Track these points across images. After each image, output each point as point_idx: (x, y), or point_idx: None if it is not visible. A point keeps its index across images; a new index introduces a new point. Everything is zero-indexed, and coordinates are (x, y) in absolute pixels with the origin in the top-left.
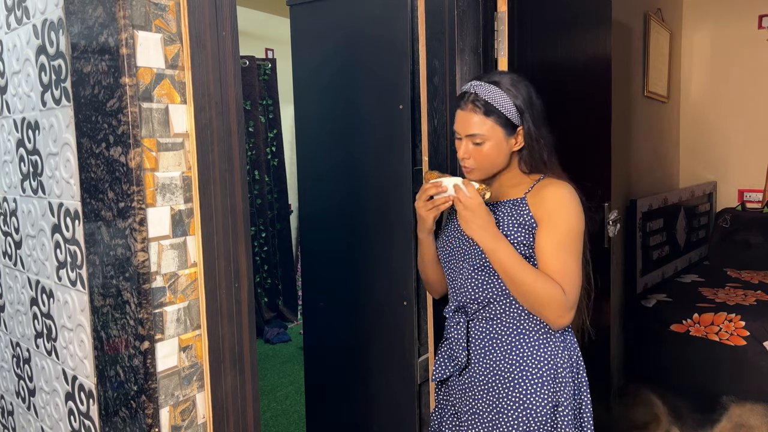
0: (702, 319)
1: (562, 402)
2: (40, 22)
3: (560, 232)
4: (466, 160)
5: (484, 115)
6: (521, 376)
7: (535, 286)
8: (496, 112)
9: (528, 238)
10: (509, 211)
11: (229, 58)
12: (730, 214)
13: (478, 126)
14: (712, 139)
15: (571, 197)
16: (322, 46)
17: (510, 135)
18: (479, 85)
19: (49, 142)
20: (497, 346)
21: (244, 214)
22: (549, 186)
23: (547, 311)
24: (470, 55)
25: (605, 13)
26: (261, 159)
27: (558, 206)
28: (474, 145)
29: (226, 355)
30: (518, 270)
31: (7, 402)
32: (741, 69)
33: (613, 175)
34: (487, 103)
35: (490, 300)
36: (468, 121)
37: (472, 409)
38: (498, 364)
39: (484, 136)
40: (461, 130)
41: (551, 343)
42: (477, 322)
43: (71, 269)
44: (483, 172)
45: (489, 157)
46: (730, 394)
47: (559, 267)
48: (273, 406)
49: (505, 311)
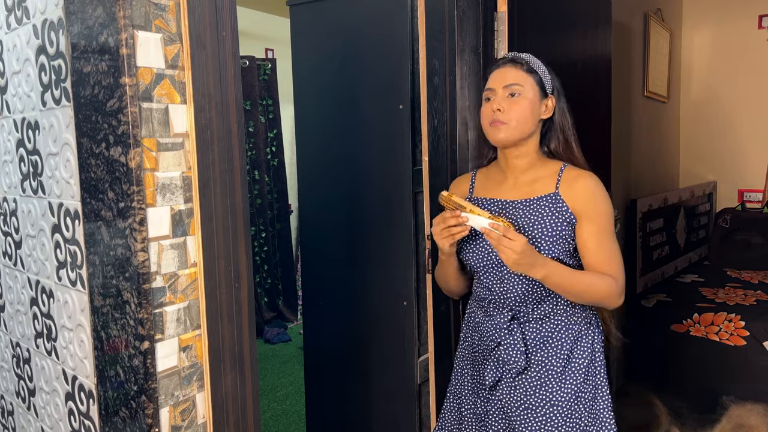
0: (702, 319)
1: (600, 381)
2: (40, 22)
3: (600, 224)
4: (500, 113)
5: (525, 72)
6: (570, 367)
7: (591, 290)
8: (536, 72)
9: (570, 232)
10: (546, 208)
11: (229, 58)
12: (730, 214)
13: (517, 77)
14: (712, 139)
15: (601, 186)
16: (322, 46)
17: (544, 98)
18: (518, 54)
19: (49, 142)
20: (549, 345)
21: (244, 214)
22: (579, 179)
23: (606, 302)
24: (470, 55)
25: (605, 13)
26: (261, 159)
27: (593, 199)
28: (509, 98)
29: (226, 355)
30: (574, 284)
31: (7, 402)
32: (741, 69)
33: (613, 175)
34: (528, 62)
35: (541, 299)
36: (508, 73)
37: (524, 405)
38: (550, 360)
39: (522, 87)
40: (497, 83)
41: (591, 330)
42: (527, 324)
43: (71, 269)
44: (515, 129)
45: (524, 111)
46: (730, 394)
47: (604, 257)
48: (273, 406)
49: (554, 309)
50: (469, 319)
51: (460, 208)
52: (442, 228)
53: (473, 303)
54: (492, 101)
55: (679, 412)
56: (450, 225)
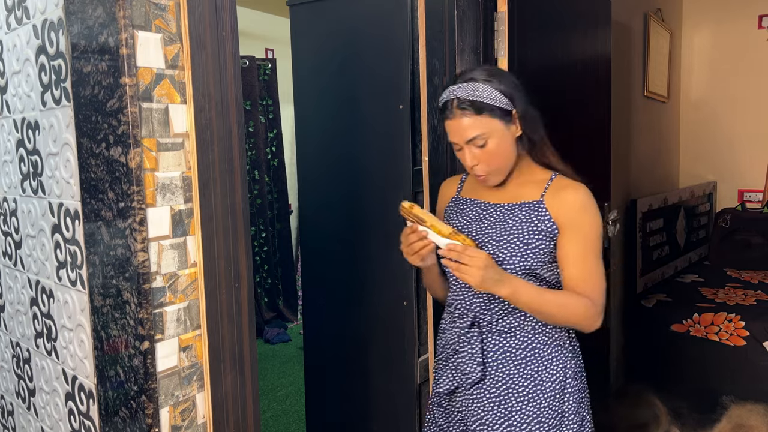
0: (702, 319)
1: (568, 410)
2: (40, 22)
3: (584, 239)
4: (477, 167)
5: (476, 114)
6: (534, 390)
7: (563, 312)
8: (486, 106)
9: (548, 245)
10: (527, 215)
11: (229, 58)
12: (730, 214)
13: (474, 128)
14: (712, 139)
15: (591, 200)
16: (322, 46)
17: (508, 123)
18: (457, 88)
19: (49, 142)
20: (511, 360)
21: (244, 214)
22: (568, 189)
23: (581, 325)
24: (470, 55)
25: (605, 13)
26: (261, 159)
27: (580, 212)
28: (478, 149)
29: (226, 355)
30: (543, 303)
31: (7, 402)
32: (741, 69)
33: (613, 175)
34: (472, 101)
35: (504, 312)
36: (462, 127)
37: (481, 420)
38: (512, 378)
39: (484, 135)
40: (458, 138)
41: (562, 355)
42: (490, 335)
43: (71, 269)
44: (500, 172)
45: (498, 154)
46: (730, 394)
47: (584, 275)
48: (273, 406)
49: (520, 324)
50: (441, 324)
51: (420, 222)
52: (406, 247)
53: (446, 308)
54: (462, 155)
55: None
56: (412, 242)
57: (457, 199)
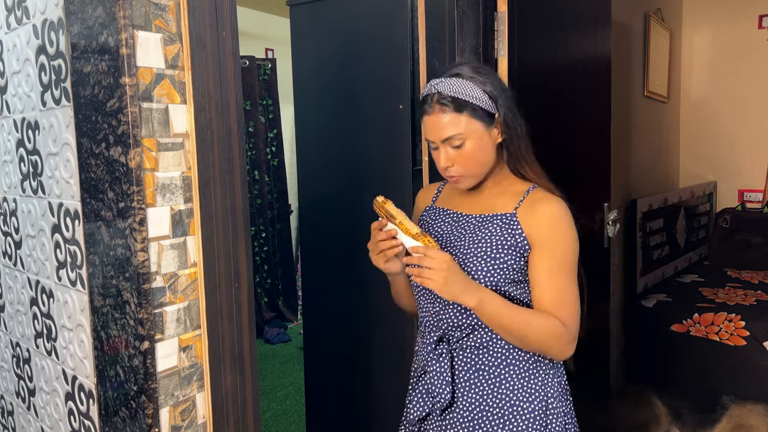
0: (702, 319)
1: None
2: (40, 22)
3: (557, 258)
4: (451, 169)
5: (456, 112)
6: (511, 411)
7: (533, 331)
8: (468, 105)
9: (519, 261)
10: (498, 228)
11: (229, 58)
12: (730, 214)
13: (452, 126)
14: (712, 139)
15: (567, 216)
16: (322, 46)
17: (489, 126)
18: (440, 83)
19: (49, 142)
20: (484, 379)
21: (244, 214)
22: (543, 202)
23: (549, 350)
24: (470, 55)
25: (605, 13)
26: (261, 159)
27: (554, 228)
28: (454, 149)
29: (226, 355)
30: (513, 317)
31: (7, 402)
32: (741, 69)
33: (613, 175)
34: (454, 98)
35: (475, 326)
36: (439, 124)
37: None
38: (485, 399)
39: (461, 135)
40: (434, 136)
41: (542, 372)
42: (461, 351)
43: (71, 269)
44: (474, 176)
45: (474, 157)
46: (730, 394)
47: (556, 297)
48: (273, 406)
49: (492, 338)
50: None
51: (390, 219)
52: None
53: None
54: (436, 155)
55: (679, 412)
56: (379, 240)
57: (431, 208)
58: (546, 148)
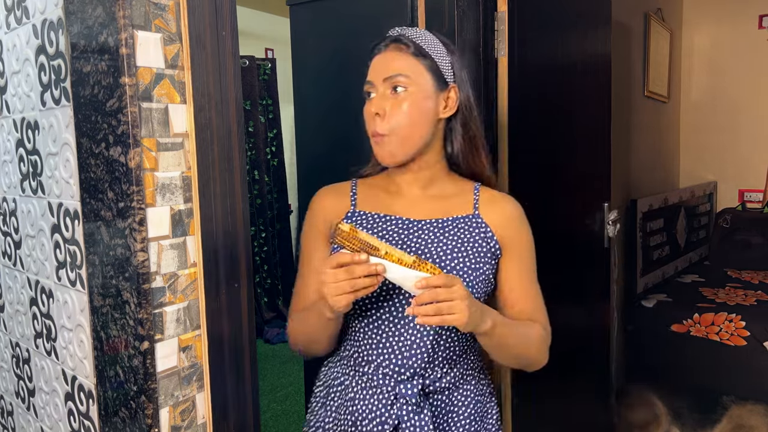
0: (702, 319)
1: None
2: (40, 22)
3: (527, 260)
4: (378, 119)
5: (412, 56)
6: None
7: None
8: (427, 56)
9: (493, 269)
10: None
11: (229, 58)
12: (730, 214)
13: (402, 64)
14: (712, 139)
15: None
16: (322, 46)
17: (441, 90)
18: (404, 29)
19: (49, 142)
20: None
21: (244, 214)
22: (504, 200)
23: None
24: (470, 54)
25: (605, 13)
26: (261, 159)
27: (521, 229)
28: (392, 93)
29: (226, 355)
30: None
31: (6, 402)
32: (741, 69)
33: (613, 175)
34: (416, 44)
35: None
36: (390, 60)
37: None
38: None
39: (408, 78)
40: (376, 75)
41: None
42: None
43: (71, 269)
44: (400, 142)
45: (410, 114)
46: (730, 394)
47: (532, 301)
48: (273, 406)
49: (463, 375)
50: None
51: (370, 251)
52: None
53: (340, 366)
54: (369, 105)
55: (679, 412)
56: (358, 277)
57: (355, 214)
58: (546, 148)
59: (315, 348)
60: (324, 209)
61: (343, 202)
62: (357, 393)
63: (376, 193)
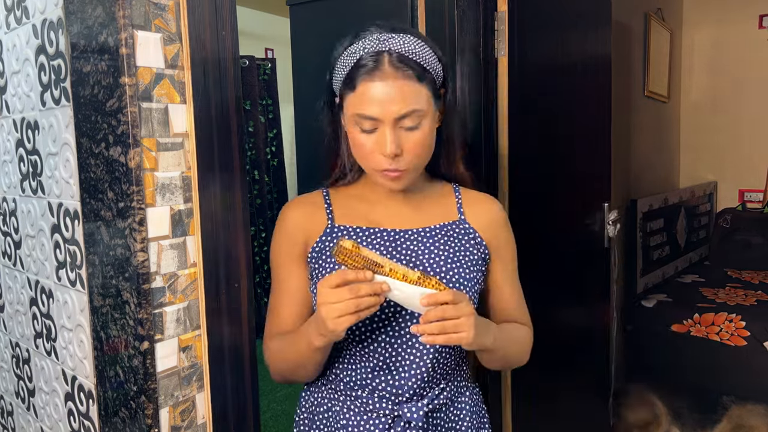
0: (702, 319)
1: None
2: (40, 22)
3: (512, 262)
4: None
5: (418, 82)
6: None
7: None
8: (427, 74)
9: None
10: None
11: (229, 58)
12: (730, 214)
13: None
14: (712, 139)
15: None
16: (322, 45)
17: (437, 102)
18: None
19: (49, 142)
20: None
21: (244, 214)
22: (488, 201)
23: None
24: (470, 54)
25: (605, 13)
26: (261, 159)
27: (507, 230)
28: (406, 131)
29: (226, 355)
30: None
31: (6, 402)
32: (741, 69)
33: (613, 175)
34: (417, 62)
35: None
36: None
37: None
38: None
39: (422, 112)
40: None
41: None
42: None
43: (71, 269)
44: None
45: (427, 144)
46: (730, 394)
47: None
48: (273, 407)
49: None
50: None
51: (374, 268)
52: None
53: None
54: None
55: (679, 412)
56: (363, 296)
57: (335, 229)
58: (546, 148)
59: (299, 376)
60: (297, 226)
61: (317, 216)
62: (350, 419)
63: (352, 204)
